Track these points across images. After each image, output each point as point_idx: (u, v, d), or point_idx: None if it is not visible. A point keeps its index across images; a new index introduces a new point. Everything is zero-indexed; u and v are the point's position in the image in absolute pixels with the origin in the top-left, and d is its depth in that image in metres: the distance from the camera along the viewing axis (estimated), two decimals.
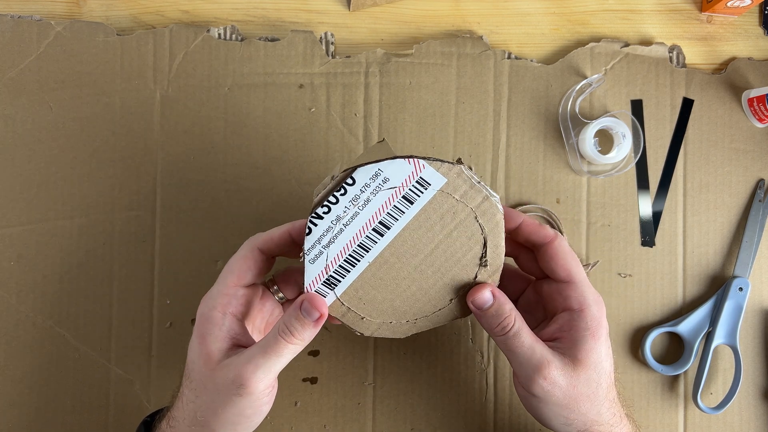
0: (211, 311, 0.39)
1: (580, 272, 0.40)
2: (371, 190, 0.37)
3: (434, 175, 0.37)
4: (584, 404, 0.39)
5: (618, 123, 0.53)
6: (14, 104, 0.53)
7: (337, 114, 0.54)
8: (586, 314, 0.39)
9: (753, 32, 0.57)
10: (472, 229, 0.39)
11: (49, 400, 0.52)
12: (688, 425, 0.54)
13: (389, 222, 0.38)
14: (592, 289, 0.40)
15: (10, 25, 0.53)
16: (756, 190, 0.55)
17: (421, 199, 0.38)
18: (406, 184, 0.37)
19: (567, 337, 0.39)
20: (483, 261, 0.39)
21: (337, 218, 0.37)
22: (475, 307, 0.39)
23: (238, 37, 0.55)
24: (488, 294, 0.39)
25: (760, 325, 0.54)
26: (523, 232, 0.41)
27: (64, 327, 0.52)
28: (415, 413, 0.53)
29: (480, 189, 0.38)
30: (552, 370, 0.38)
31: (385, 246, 0.38)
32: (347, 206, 0.37)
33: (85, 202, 0.53)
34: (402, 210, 0.38)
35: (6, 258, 0.52)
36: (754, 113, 0.55)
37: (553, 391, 0.38)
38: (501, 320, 0.39)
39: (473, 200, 0.38)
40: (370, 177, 0.37)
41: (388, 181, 0.37)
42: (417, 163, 0.37)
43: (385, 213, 0.38)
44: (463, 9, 0.56)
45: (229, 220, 0.53)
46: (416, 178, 0.37)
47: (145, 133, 0.54)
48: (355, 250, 0.38)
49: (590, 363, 0.39)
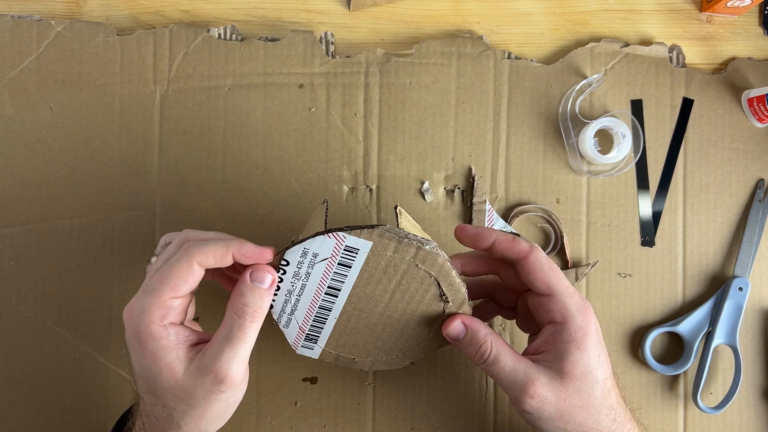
0: (149, 326, 0.36)
1: (559, 283, 0.39)
2: (307, 266, 0.39)
3: (358, 241, 0.38)
4: (579, 414, 0.39)
5: (618, 123, 0.53)
6: (14, 104, 0.53)
7: (337, 114, 0.54)
8: (569, 326, 0.39)
9: (753, 32, 0.57)
10: (419, 275, 0.39)
11: (49, 400, 0.52)
12: (688, 425, 0.54)
13: (337, 285, 0.40)
14: (575, 298, 0.40)
15: (10, 25, 0.53)
16: (756, 190, 0.55)
17: (357, 262, 0.39)
18: (336, 254, 0.38)
19: (552, 350, 0.39)
20: (444, 298, 0.40)
21: (288, 292, 0.40)
22: (450, 338, 0.41)
23: (238, 37, 0.55)
24: (460, 325, 0.40)
25: (760, 325, 0.54)
26: (497, 250, 0.41)
27: (64, 327, 0.52)
28: (415, 413, 0.53)
29: (409, 242, 0.38)
30: (538, 387, 0.38)
31: (343, 303, 0.40)
32: (292, 281, 0.39)
33: (85, 202, 0.53)
34: (344, 274, 0.39)
35: (6, 258, 0.52)
36: (754, 113, 0.55)
37: (543, 407, 0.38)
38: (477, 348, 0.40)
39: (407, 253, 0.38)
40: (300, 256, 0.38)
41: (317, 256, 0.38)
42: (337, 236, 0.38)
43: (329, 279, 0.39)
44: (463, 9, 0.56)
45: (229, 220, 0.53)
46: (342, 247, 0.38)
47: (145, 133, 0.54)
48: (318, 312, 0.41)
49: (578, 374, 0.38)
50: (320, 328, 0.42)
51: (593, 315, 0.40)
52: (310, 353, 0.44)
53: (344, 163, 0.54)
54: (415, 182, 0.54)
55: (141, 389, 0.39)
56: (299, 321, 0.41)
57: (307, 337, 0.42)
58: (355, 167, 0.54)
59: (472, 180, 0.54)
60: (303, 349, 0.43)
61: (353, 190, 0.54)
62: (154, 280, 0.37)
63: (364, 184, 0.54)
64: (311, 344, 0.43)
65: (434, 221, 0.54)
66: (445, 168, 0.54)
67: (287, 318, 0.41)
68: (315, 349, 0.43)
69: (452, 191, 0.54)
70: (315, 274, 0.39)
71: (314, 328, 0.42)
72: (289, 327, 0.41)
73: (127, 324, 0.37)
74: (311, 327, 0.42)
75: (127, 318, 0.37)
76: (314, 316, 0.41)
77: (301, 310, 0.41)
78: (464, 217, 0.54)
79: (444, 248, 0.54)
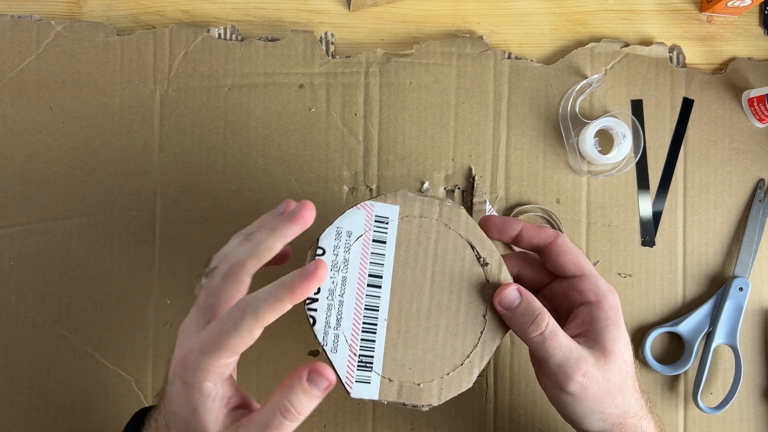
0: (202, 383, 0.34)
1: (588, 265, 0.40)
2: (343, 249, 0.37)
3: (385, 207, 0.38)
4: (618, 396, 0.38)
5: (618, 123, 0.53)
6: (14, 104, 0.53)
7: (337, 114, 0.54)
8: (604, 304, 0.39)
9: (753, 32, 0.57)
10: (451, 238, 0.38)
11: (49, 400, 0.52)
12: (688, 425, 0.54)
13: (378, 270, 0.37)
14: (603, 279, 0.40)
15: (10, 25, 0.53)
16: (756, 190, 0.55)
17: (390, 234, 0.38)
18: (369, 228, 0.37)
19: (591, 330, 0.39)
20: (482, 261, 0.39)
21: (330, 292, 0.36)
22: (502, 307, 0.38)
23: (238, 37, 0.55)
24: (514, 292, 0.38)
25: (760, 325, 0.54)
26: (525, 237, 0.40)
27: (64, 327, 0.52)
28: (414, 413, 0.53)
29: (431, 200, 0.38)
30: (589, 365, 0.37)
31: (388, 296, 0.37)
32: (332, 276, 0.36)
33: (85, 202, 0.53)
34: (381, 253, 0.38)
35: (6, 258, 0.52)
36: (754, 113, 0.55)
37: (589, 386, 0.37)
38: (534, 318, 0.37)
39: (433, 212, 0.38)
40: (334, 239, 0.37)
41: (352, 234, 0.37)
42: (365, 206, 0.37)
43: (368, 263, 0.37)
44: (463, 9, 0.56)
45: (229, 220, 0.53)
46: (373, 218, 0.37)
47: (145, 133, 0.54)
48: (366, 315, 0.37)
49: (617, 352, 0.38)
50: (372, 341, 0.37)
51: (618, 297, 0.40)
52: (368, 391, 0.36)
53: (344, 163, 0.54)
54: (415, 182, 0.54)
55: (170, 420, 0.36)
56: (347, 336, 0.36)
57: (361, 363, 0.36)
58: (355, 167, 0.54)
59: (472, 180, 0.54)
60: (359, 386, 0.36)
61: (353, 190, 0.54)
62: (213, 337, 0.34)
63: (364, 184, 0.54)
64: (367, 374, 0.36)
65: None
66: (445, 168, 0.54)
67: (334, 335, 0.36)
68: (373, 380, 0.36)
69: (452, 191, 0.54)
70: (353, 260, 0.37)
71: (366, 344, 0.37)
72: (338, 351, 0.36)
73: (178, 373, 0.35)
74: (362, 342, 0.36)
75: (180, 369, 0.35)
76: (362, 324, 0.37)
77: (347, 318, 0.36)
78: None
79: None
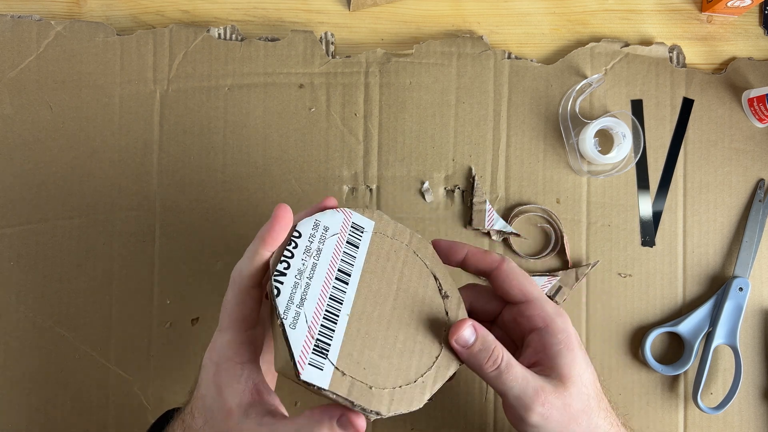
0: (227, 362, 0.36)
1: (535, 289, 0.40)
2: (318, 239, 0.38)
3: (362, 219, 0.40)
4: (583, 420, 0.38)
5: (618, 123, 0.53)
6: (14, 104, 0.53)
7: (337, 114, 0.54)
8: (553, 328, 0.39)
9: (753, 32, 0.57)
10: (417, 263, 0.40)
11: (49, 400, 0.52)
12: (688, 425, 0.54)
13: (347, 269, 0.38)
14: (551, 303, 0.40)
15: (10, 25, 0.53)
16: (756, 190, 0.55)
17: (363, 242, 0.39)
18: (345, 230, 0.39)
19: (544, 357, 0.39)
20: (443, 293, 0.40)
21: (299, 272, 0.37)
22: (459, 345, 0.38)
23: (238, 37, 0.55)
24: (469, 329, 0.38)
25: (760, 325, 0.54)
26: (470, 261, 0.41)
27: (64, 327, 0.52)
28: (414, 413, 0.52)
29: (403, 228, 0.40)
30: (548, 394, 0.37)
31: (353, 296, 0.38)
32: (303, 258, 0.37)
33: (85, 202, 0.53)
34: (352, 255, 0.39)
35: (6, 258, 0.52)
36: (754, 113, 0.55)
37: (551, 415, 0.37)
38: (489, 354, 0.37)
39: (404, 237, 0.40)
40: (312, 227, 0.38)
41: (328, 230, 0.38)
42: (345, 211, 0.39)
43: (339, 260, 0.38)
44: (463, 9, 0.56)
45: (229, 220, 0.53)
46: (350, 224, 0.39)
47: (144, 133, 0.54)
48: (329, 304, 0.37)
49: (576, 376, 0.38)
50: (332, 330, 0.36)
51: (569, 319, 0.40)
52: (318, 377, 0.35)
53: (344, 163, 0.54)
54: (415, 182, 0.54)
55: (197, 409, 0.38)
56: (308, 317, 0.36)
57: (317, 347, 0.35)
58: (355, 167, 0.54)
59: (472, 180, 0.54)
60: (311, 370, 0.35)
61: (353, 190, 0.54)
62: (224, 318, 0.37)
63: (364, 184, 0.54)
64: (321, 360, 0.35)
65: (434, 221, 0.54)
66: (445, 168, 0.54)
67: (295, 311, 0.35)
68: (326, 368, 0.35)
69: (452, 191, 0.54)
70: (326, 252, 0.38)
71: (325, 330, 0.36)
72: (297, 328, 0.35)
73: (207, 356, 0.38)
74: (322, 328, 0.36)
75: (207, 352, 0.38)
76: (325, 310, 0.36)
77: (311, 300, 0.36)
78: (464, 217, 0.54)
79: None
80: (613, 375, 0.54)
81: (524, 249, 0.54)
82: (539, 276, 0.53)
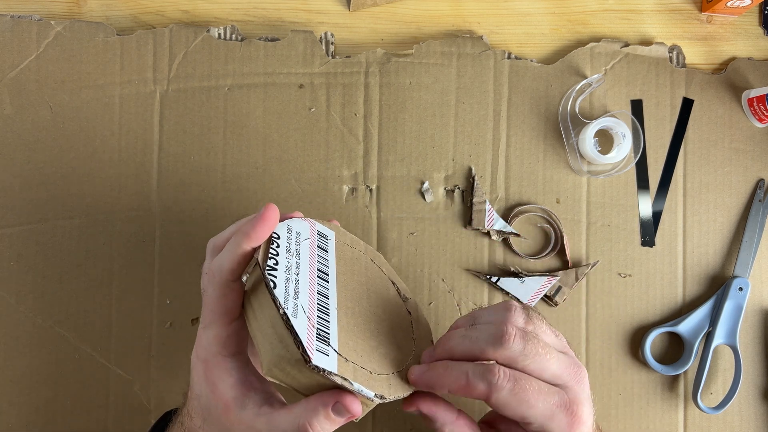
0: (215, 357, 0.37)
1: (533, 412, 0.36)
2: (294, 242, 0.39)
3: (324, 228, 0.43)
4: None
5: (618, 123, 0.53)
6: (14, 104, 0.53)
7: (337, 114, 0.54)
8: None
9: (753, 32, 0.57)
10: (376, 270, 0.43)
11: (49, 400, 0.52)
12: (688, 425, 0.54)
13: (324, 268, 0.40)
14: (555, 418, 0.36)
15: (10, 25, 0.53)
16: (756, 190, 0.55)
17: (330, 248, 0.41)
18: (313, 236, 0.41)
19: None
20: (402, 296, 0.43)
21: (287, 268, 0.37)
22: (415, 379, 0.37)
23: (238, 37, 0.55)
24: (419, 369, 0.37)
25: (760, 325, 0.54)
26: (458, 394, 0.37)
27: (64, 327, 0.52)
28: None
29: (357, 239, 0.44)
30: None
31: (335, 292, 0.39)
32: (288, 257, 0.38)
33: (85, 202, 0.53)
34: (325, 258, 0.40)
35: (6, 258, 0.52)
36: (754, 113, 0.55)
37: None
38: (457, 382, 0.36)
39: (360, 247, 0.44)
40: (287, 231, 0.39)
41: (300, 234, 0.40)
42: (309, 221, 0.42)
43: (316, 261, 0.40)
44: (463, 9, 0.56)
45: (229, 221, 0.53)
46: (316, 231, 0.41)
47: (144, 133, 0.54)
48: (318, 298, 0.38)
49: None
50: (327, 320, 0.37)
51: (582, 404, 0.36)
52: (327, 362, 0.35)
53: (344, 163, 0.54)
54: (415, 182, 0.54)
55: (193, 409, 0.39)
56: (305, 308, 0.36)
57: (319, 335, 0.36)
58: (355, 167, 0.54)
59: (472, 180, 0.54)
60: (319, 356, 0.35)
61: (353, 190, 0.54)
62: (206, 315, 0.38)
63: (364, 184, 0.54)
64: (324, 346, 0.35)
65: (434, 221, 0.54)
66: (445, 168, 0.54)
67: (293, 304, 0.36)
68: (330, 354, 0.35)
69: (452, 191, 0.54)
70: (303, 253, 0.39)
71: (322, 320, 0.37)
72: (298, 317, 0.35)
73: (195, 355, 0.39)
74: (318, 318, 0.36)
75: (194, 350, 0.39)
76: (317, 303, 0.37)
77: (303, 293, 0.37)
78: (464, 217, 0.54)
79: (444, 250, 0.54)
80: (613, 375, 0.54)
81: (524, 249, 0.54)
82: (539, 276, 0.53)
